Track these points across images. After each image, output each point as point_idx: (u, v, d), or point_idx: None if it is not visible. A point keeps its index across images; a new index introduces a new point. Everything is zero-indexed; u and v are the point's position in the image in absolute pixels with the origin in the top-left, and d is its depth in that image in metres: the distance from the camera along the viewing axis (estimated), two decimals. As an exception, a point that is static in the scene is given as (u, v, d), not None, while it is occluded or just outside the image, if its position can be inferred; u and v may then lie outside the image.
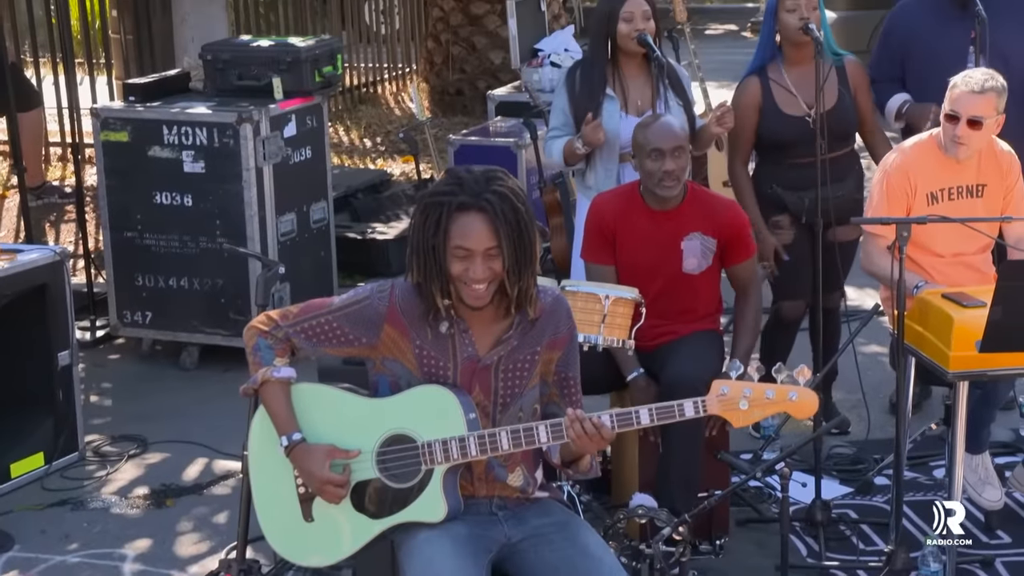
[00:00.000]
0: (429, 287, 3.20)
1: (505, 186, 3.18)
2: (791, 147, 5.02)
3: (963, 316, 4.13)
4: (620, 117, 4.91)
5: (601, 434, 3.16)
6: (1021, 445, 4.98)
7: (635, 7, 4.87)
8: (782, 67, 5.07)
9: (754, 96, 5.07)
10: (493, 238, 3.13)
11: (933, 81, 5.09)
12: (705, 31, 14.30)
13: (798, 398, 3.13)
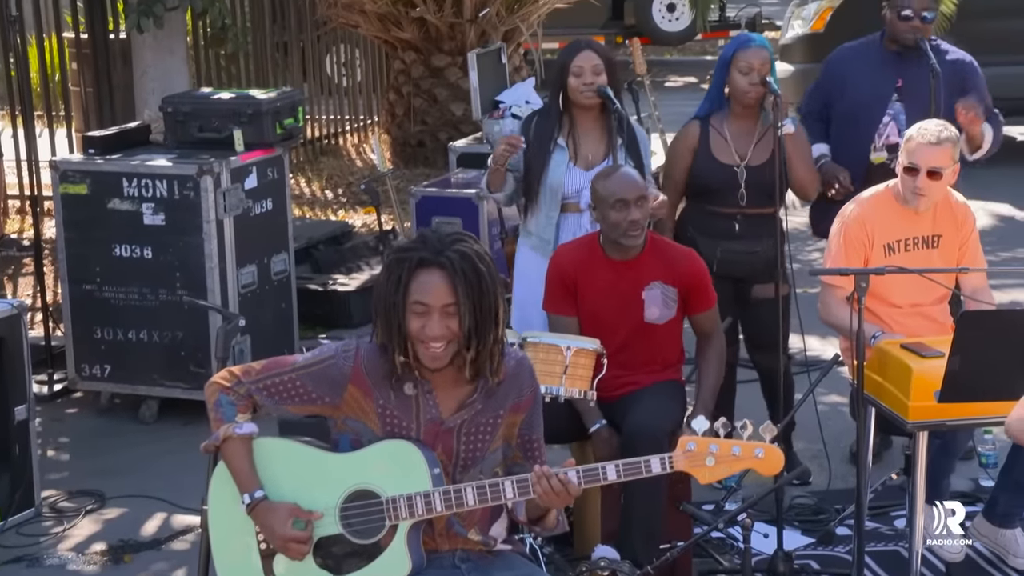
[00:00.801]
0: (392, 345, 3.19)
1: (469, 247, 3.18)
2: (715, 194, 5.11)
3: (922, 366, 4.16)
4: (567, 167, 4.96)
5: (568, 490, 3.16)
6: (981, 495, 4.99)
7: (584, 61, 4.92)
8: (725, 118, 5.15)
9: (692, 139, 5.17)
10: (451, 295, 3.13)
11: (853, 124, 5.35)
12: (665, 83, 14.40)
13: (764, 455, 3.14)
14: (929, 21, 5.33)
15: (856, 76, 5.43)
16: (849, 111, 5.41)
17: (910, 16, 5.31)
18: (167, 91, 6.99)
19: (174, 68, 7.72)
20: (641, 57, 7.34)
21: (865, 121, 5.35)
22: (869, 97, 5.37)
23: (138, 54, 7.75)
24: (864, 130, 5.37)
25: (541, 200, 5.00)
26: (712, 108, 5.18)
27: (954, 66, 5.41)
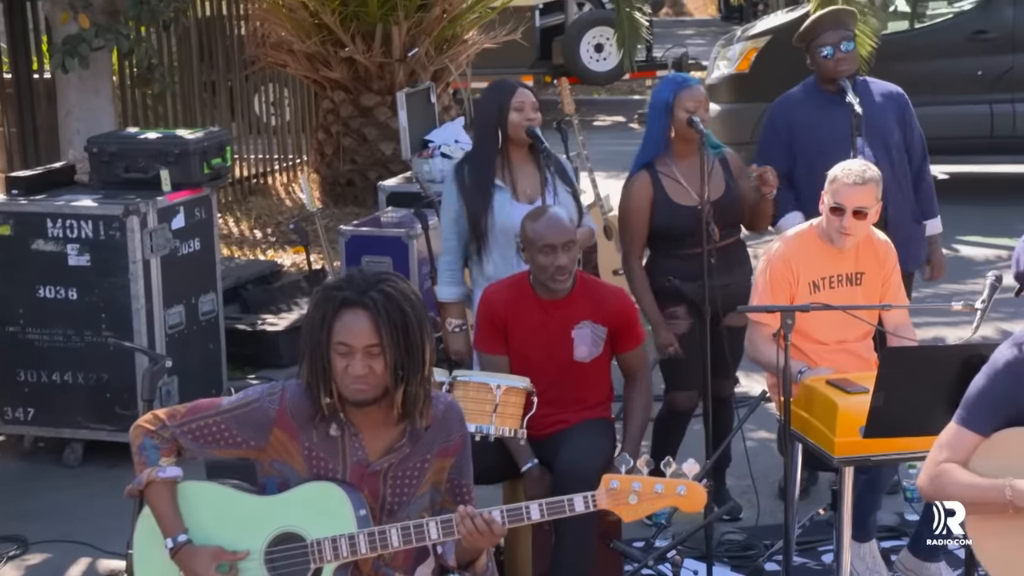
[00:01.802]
0: (317, 384, 3.18)
1: (394, 287, 3.18)
2: (685, 237, 5.07)
3: (847, 402, 4.20)
4: (511, 205, 4.96)
5: (492, 530, 3.16)
6: (906, 528, 5.05)
7: (524, 97, 4.96)
8: (671, 160, 5.17)
9: (646, 190, 5.13)
10: (374, 335, 3.13)
11: (821, 168, 5.27)
12: (593, 122, 14.52)
13: (687, 492, 3.16)
14: (850, 50, 5.42)
15: (811, 121, 5.44)
16: (815, 154, 5.35)
17: (830, 52, 5.40)
18: (92, 131, 6.94)
19: (100, 108, 7.66)
20: (569, 96, 7.40)
21: (833, 161, 5.26)
22: (831, 139, 5.34)
23: (63, 94, 7.69)
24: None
25: (492, 243, 4.97)
26: (656, 152, 5.16)
27: (890, 97, 5.52)
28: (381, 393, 3.17)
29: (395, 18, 9.66)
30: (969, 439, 3.45)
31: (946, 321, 6.99)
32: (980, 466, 3.44)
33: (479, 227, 4.96)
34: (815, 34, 5.45)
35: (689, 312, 5.11)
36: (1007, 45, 9.66)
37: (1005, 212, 9.69)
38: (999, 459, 3.43)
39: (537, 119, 4.97)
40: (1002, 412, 3.45)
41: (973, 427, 3.46)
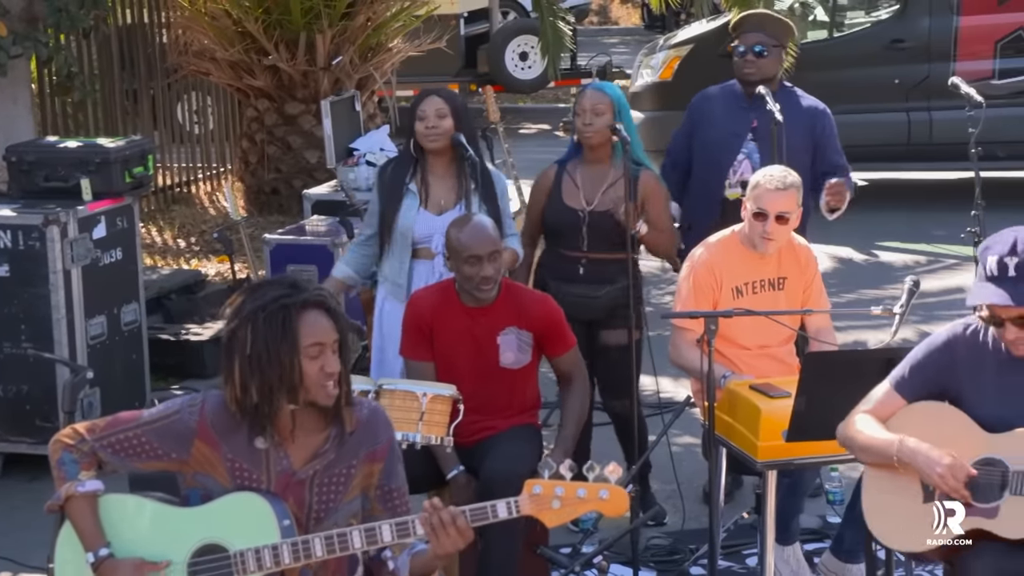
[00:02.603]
0: (272, 400, 3.14)
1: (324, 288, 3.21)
2: (561, 237, 5.23)
3: (770, 407, 4.26)
4: (417, 212, 4.98)
5: (457, 524, 3.15)
6: (829, 531, 5.11)
7: (428, 106, 4.97)
8: (579, 163, 5.26)
9: (547, 183, 5.30)
10: (335, 331, 3.16)
11: (710, 161, 5.54)
12: (519, 130, 14.54)
13: (609, 496, 3.18)
14: (762, 54, 5.50)
15: (714, 115, 5.61)
16: (707, 148, 5.58)
17: (743, 52, 5.51)
18: (11, 140, 6.83)
19: (18, 116, 7.56)
20: (494, 105, 7.43)
21: (721, 158, 5.50)
22: (725, 135, 5.54)
23: (-20, 102, 7.57)
24: (720, 166, 5.53)
25: (393, 245, 5.03)
26: (571, 154, 5.32)
27: (807, 112, 5.61)
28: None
29: (319, 26, 9.62)
30: (894, 401, 3.65)
31: (866, 325, 7.08)
32: (892, 428, 3.61)
33: (385, 227, 5.02)
34: (737, 30, 5.58)
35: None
36: (923, 54, 9.83)
37: (922, 218, 9.85)
38: (908, 426, 3.59)
39: (441, 127, 4.96)
40: (929, 385, 3.62)
41: (901, 391, 3.64)
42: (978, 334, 3.58)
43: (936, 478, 3.48)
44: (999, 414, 3.52)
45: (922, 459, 3.50)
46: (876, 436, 3.60)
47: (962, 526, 3.51)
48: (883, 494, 3.63)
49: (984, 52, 9.72)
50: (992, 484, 3.49)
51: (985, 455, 3.51)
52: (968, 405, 3.57)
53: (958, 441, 3.53)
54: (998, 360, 3.55)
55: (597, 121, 5.13)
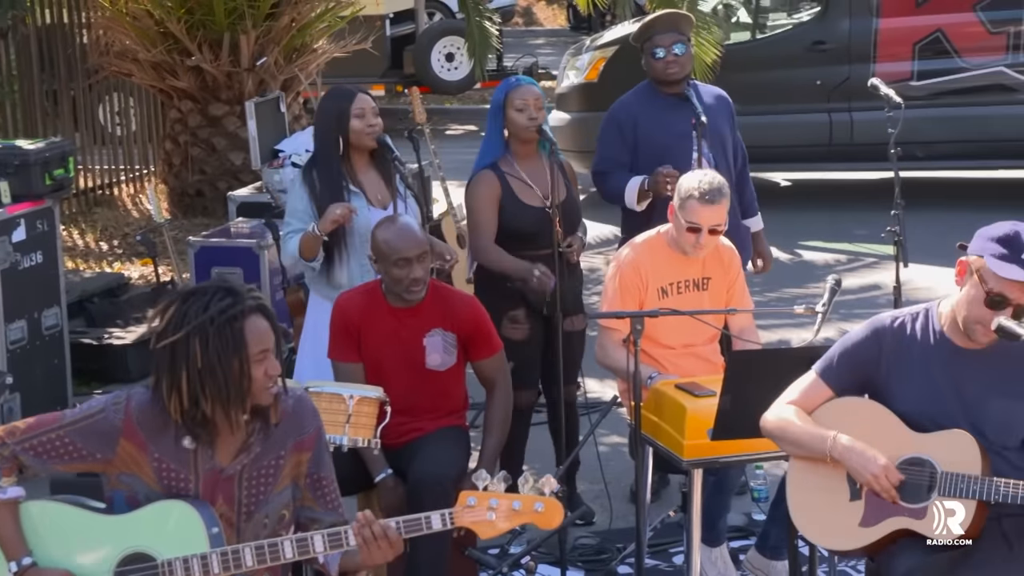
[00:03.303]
0: (228, 413, 3.13)
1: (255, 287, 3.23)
2: (532, 238, 5.14)
3: (695, 405, 4.29)
4: (368, 211, 4.94)
5: (388, 536, 3.15)
6: (754, 528, 5.16)
7: (365, 103, 4.95)
8: (512, 161, 5.22)
9: (494, 189, 5.18)
10: (273, 332, 3.18)
11: (671, 164, 5.41)
12: (445, 131, 14.54)
13: (544, 508, 3.20)
14: (681, 54, 5.54)
15: (651, 122, 5.55)
16: (659, 155, 5.47)
17: (662, 55, 5.51)
18: (-72, 141, 6.73)
19: (-65, 117, 7.43)
20: (421, 106, 7.41)
21: (677, 160, 5.37)
22: (673, 138, 5.47)
23: None
24: (679, 170, 5.46)
25: (351, 250, 4.94)
26: (496, 155, 5.24)
27: (720, 100, 5.67)
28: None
29: (243, 27, 9.55)
30: (821, 391, 3.66)
31: (790, 324, 7.17)
32: (818, 421, 3.63)
33: (335, 234, 4.91)
34: (649, 35, 5.56)
35: (528, 316, 5.18)
36: (843, 56, 9.96)
37: (844, 218, 9.98)
38: (834, 420, 3.61)
39: (378, 124, 4.96)
40: (855, 375, 3.64)
41: (827, 380, 3.66)
42: (904, 327, 3.60)
43: (870, 478, 3.50)
44: (923, 410, 3.55)
45: (856, 458, 3.52)
46: (808, 430, 3.61)
47: (888, 526, 3.54)
48: (808, 491, 3.66)
49: (903, 54, 9.87)
50: (920, 485, 3.51)
51: (912, 455, 3.54)
52: (891, 399, 3.60)
53: (885, 439, 3.55)
54: (926, 355, 3.57)
55: (541, 115, 5.13)
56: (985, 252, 3.44)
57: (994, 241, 3.44)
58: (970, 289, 3.47)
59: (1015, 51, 9.73)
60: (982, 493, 3.45)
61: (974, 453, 3.49)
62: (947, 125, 9.77)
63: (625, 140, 5.58)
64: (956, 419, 3.54)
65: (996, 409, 3.53)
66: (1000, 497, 3.44)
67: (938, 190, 10.34)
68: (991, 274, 3.42)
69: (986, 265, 3.43)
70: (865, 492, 3.57)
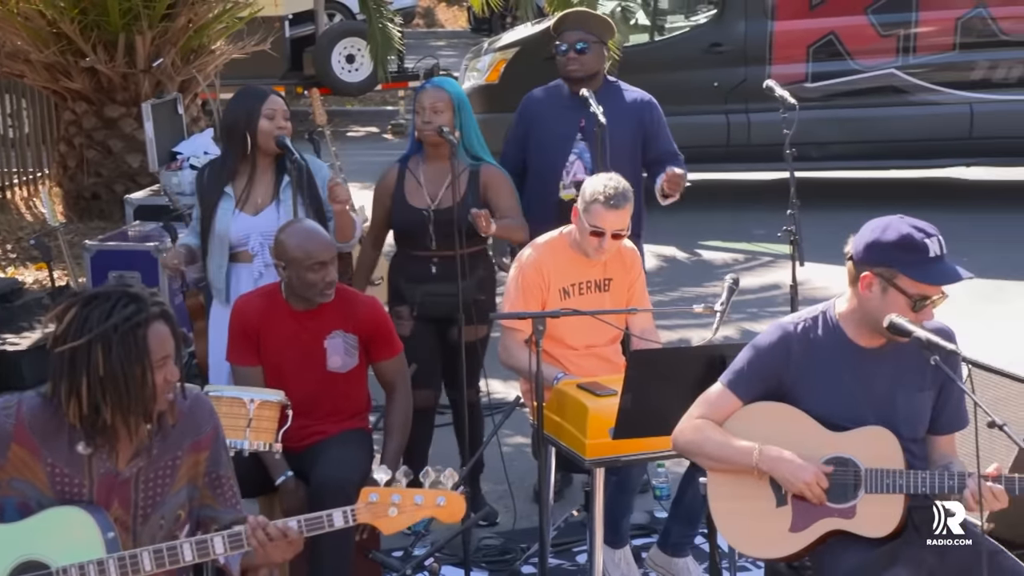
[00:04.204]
0: (127, 421, 3.09)
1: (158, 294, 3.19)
2: (410, 238, 5.21)
3: (597, 405, 4.32)
4: (233, 215, 4.94)
5: (288, 538, 3.15)
6: (655, 526, 5.21)
7: (276, 105, 4.94)
8: (422, 161, 5.25)
9: (390, 183, 5.27)
10: (173, 338, 3.16)
11: (543, 163, 5.58)
12: (347, 133, 14.48)
13: (446, 503, 3.20)
14: (584, 51, 5.58)
15: (543, 117, 5.65)
16: (540, 150, 5.63)
17: (565, 49, 5.58)
18: None
19: None
20: (321, 107, 7.37)
21: (553, 159, 5.55)
22: (555, 137, 5.58)
23: None
24: (554, 168, 5.57)
25: (211, 248, 4.98)
26: (411, 152, 5.31)
27: (633, 105, 5.69)
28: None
29: (138, 27, 9.42)
30: (730, 402, 3.66)
31: (690, 323, 7.25)
32: (731, 431, 3.63)
33: (204, 230, 4.98)
34: (558, 30, 5.65)
35: (411, 313, 5.19)
36: (740, 58, 10.09)
37: (743, 217, 10.12)
38: (749, 428, 3.62)
39: (288, 128, 4.96)
40: (765, 383, 3.65)
41: (736, 391, 3.66)
42: (808, 331, 3.63)
43: (802, 486, 3.52)
44: (835, 411, 3.58)
45: (786, 468, 3.53)
46: (729, 444, 3.60)
47: (819, 528, 3.56)
48: (732, 501, 3.64)
49: (797, 56, 10.03)
50: (846, 484, 3.55)
51: (833, 454, 3.56)
52: (804, 402, 3.61)
53: (803, 441, 3.57)
54: (832, 357, 3.60)
55: (436, 119, 5.15)
56: (893, 263, 3.46)
57: (895, 249, 3.47)
58: (888, 299, 3.47)
59: (905, 53, 9.94)
60: (907, 487, 3.50)
61: (894, 447, 3.54)
62: (841, 126, 9.95)
63: (518, 138, 5.71)
64: (867, 417, 3.58)
65: (902, 404, 3.59)
66: (925, 488, 3.49)
67: (833, 190, 10.53)
68: (911, 283, 3.45)
69: (901, 275, 3.45)
70: (791, 497, 3.58)
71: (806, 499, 3.55)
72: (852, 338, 3.60)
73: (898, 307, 3.47)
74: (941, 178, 11.02)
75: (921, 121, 9.98)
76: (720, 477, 3.67)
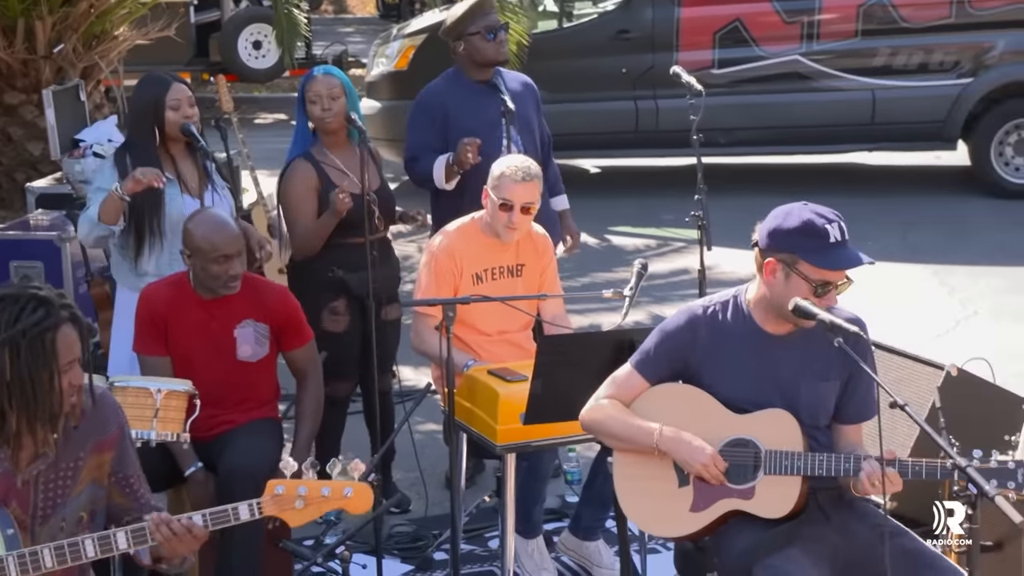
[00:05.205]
0: (32, 427, 3.04)
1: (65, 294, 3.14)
2: (349, 226, 5.10)
3: (508, 391, 4.33)
4: (183, 199, 4.86)
5: (193, 534, 3.12)
6: (567, 510, 5.24)
7: (180, 94, 4.87)
8: (325, 150, 5.20)
9: (311, 179, 5.16)
10: (80, 340, 3.11)
11: (479, 153, 5.43)
12: (254, 120, 14.34)
13: (353, 493, 3.20)
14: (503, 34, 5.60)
15: (460, 108, 5.56)
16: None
17: (493, 35, 5.57)
18: None
19: None
20: (227, 94, 7.29)
21: (486, 147, 5.38)
22: (483, 126, 5.48)
23: None
24: (487, 156, 5.44)
25: (163, 236, 4.83)
26: (307, 145, 5.22)
27: (527, 88, 5.75)
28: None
29: (38, 12, 9.22)
30: (637, 383, 3.70)
31: (600, 308, 7.29)
32: (638, 411, 3.68)
33: (146, 220, 4.81)
34: (473, 19, 5.56)
35: (348, 307, 5.16)
36: (648, 44, 10.15)
37: (651, 203, 10.20)
38: (655, 409, 3.66)
39: (194, 115, 4.89)
40: (671, 365, 3.70)
41: (644, 372, 3.70)
42: (717, 315, 3.67)
43: (699, 467, 3.57)
44: (740, 395, 3.63)
45: (684, 449, 3.58)
46: (632, 424, 3.65)
47: (719, 508, 3.61)
48: (636, 481, 3.69)
49: (704, 43, 10.11)
50: (746, 465, 3.60)
51: (735, 436, 3.61)
52: (710, 385, 3.66)
53: (707, 422, 3.62)
54: (739, 342, 3.64)
55: (335, 105, 5.11)
56: (795, 249, 3.51)
57: (796, 235, 3.52)
58: (791, 285, 3.52)
59: (809, 40, 10.08)
60: (805, 468, 3.55)
61: (794, 430, 3.59)
62: (747, 112, 10.06)
63: (435, 126, 5.58)
64: (772, 402, 3.63)
65: (807, 391, 3.64)
66: (823, 471, 3.54)
67: (740, 175, 10.65)
68: (812, 269, 3.50)
69: (803, 261, 3.50)
70: (693, 478, 3.62)
71: (706, 480, 3.59)
72: (760, 324, 3.65)
73: (800, 293, 3.52)
74: (844, 163, 11.20)
75: (824, 107, 10.11)
76: (625, 457, 3.72)
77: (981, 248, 8.83)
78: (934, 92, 10.00)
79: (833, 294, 3.55)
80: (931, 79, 10.00)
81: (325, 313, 5.11)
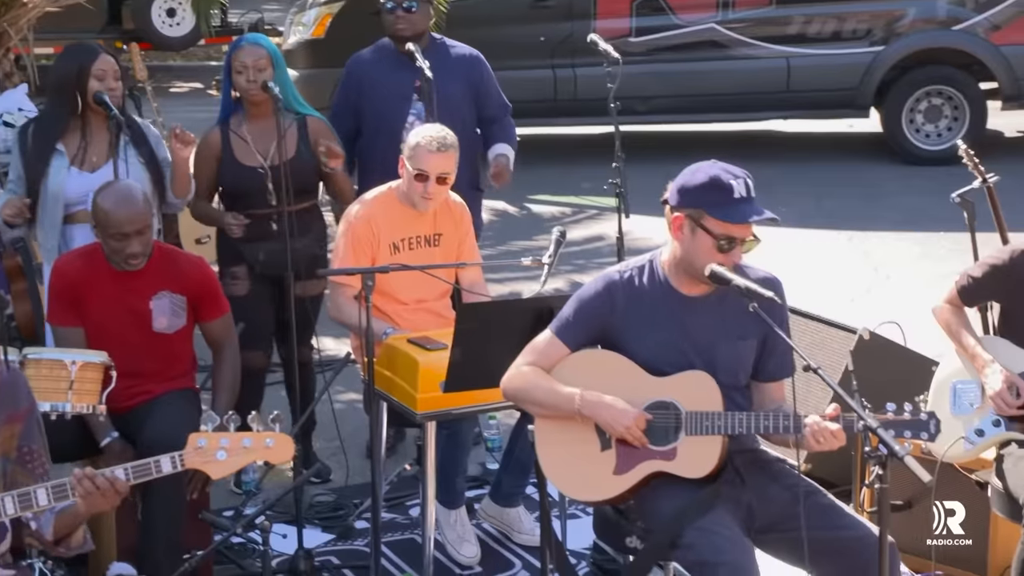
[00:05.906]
0: None
1: None
2: (246, 197, 5.12)
3: (427, 359, 4.34)
4: (67, 172, 4.82)
5: (116, 488, 3.10)
6: (488, 478, 5.27)
7: (106, 65, 4.83)
8: (243, 121, 5.17)
9: (215, 147, 5.17)
10: None
11: (380, 126, 5.51)
12: (170, 89, 14.14)
13: (275, 444, 3.19)
14: (411, 9, 5.55)
15: (376, 79, 5.57)
16: (375, 114, 5.54)
17: (393, 7, 5.54)
18: None
19: None
20: (141, 63, 7.21)
21: (391, 122, 5.46)
22: (391, 98, 5.51)
23: None
24: (392, 131, 5.46)
25: (42, 208, 4.84)
26: (228, 113, 5.20)
27: (461, 61, 5.69)
28: None
29: (-56, -22, 9.03)
30: (558, 349, 3.72)
31: (520, 276, 7.31)
32: (558, 377, 3.70)
33: (34, 193, 4.82)
34: None
35: (249, 273, 5.14)
36: (565, 13, 10.16)
37: (570, 171, 10.24)
38: (576, 375, 3.69)
39: (118, 88, 4.87)
40: (590, 331, 3.72)
41: (564, 339, 3.72)
42: (633, 280, 3.70)
43: (622, 430, 3.59)
44: (659, 357, 3.66)
45: (607, 412, 3.60)
46: (553, 390, 3.66)
47: (642, 471, 3.64)
48: (558, 446, 3.71)
49: (621, 11, 10.14)
50: (668, 427, 3.63)
51: (656, 398, 3.64)
52: (629, 350, 3.69)
53: (627, 386, 3.64)
54: (655, 305, 3.68)
55: (260, 76, 5.06)
56: (700, 204, 3.56)
57: (702, 190, 3.57)
58: (697, 241, 3.57)
59: (725, 8, 10.14)
60: (725, 428, 3.60)
61: (713, 391, 3.63)
62: (664, 80, 10.11)
63: (350, 103, 5.62)
64: (691, 363, 3.67)
65: (724, 352, 3.68)
66: (743, 429, 3.59)
67: (657, 143, 10.70)
68: (716, 223, 3.55)
69: (707, 216, 3.55)
70: (615, 441, 3.65)
71: (629, 443, 3.63)
72: (675, 286, 3.68)
73: (705, 248, 3.56)
74: (760, 131, 11.31)
75: (740, 75, 10.19)
76: (547, 423, 3.74)
77: (894, 214, 8.98)
78: (847, 60, 10.12)
79: (738, 251, 3.59)
80: (844, 47, 10.12)
81: (226, 278, 5.11)
